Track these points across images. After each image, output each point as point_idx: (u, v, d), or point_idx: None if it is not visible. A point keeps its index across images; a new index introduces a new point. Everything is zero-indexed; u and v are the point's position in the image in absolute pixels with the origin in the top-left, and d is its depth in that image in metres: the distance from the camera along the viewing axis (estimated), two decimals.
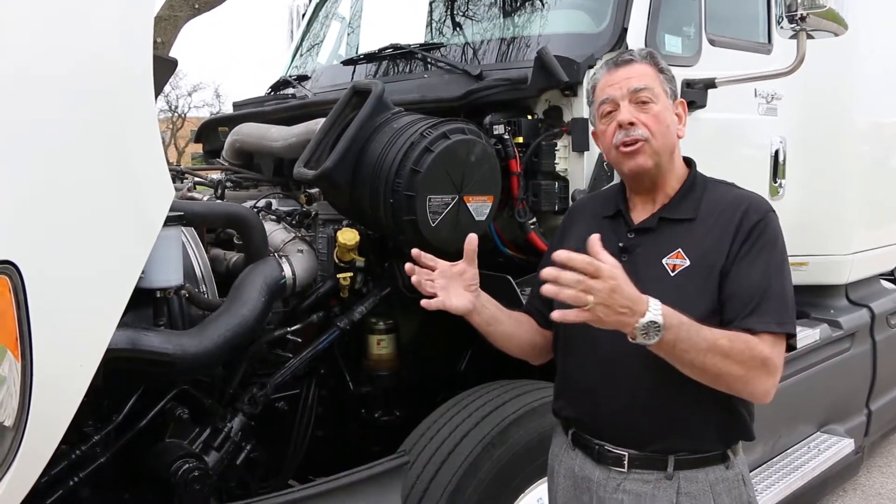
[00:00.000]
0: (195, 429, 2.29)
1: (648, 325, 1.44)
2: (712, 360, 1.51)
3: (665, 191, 1.76)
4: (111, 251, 1.55)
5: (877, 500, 4.17)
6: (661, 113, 1.70)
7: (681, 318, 1.49)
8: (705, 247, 1.66)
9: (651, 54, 1.78)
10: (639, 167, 1.70)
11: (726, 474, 1.71)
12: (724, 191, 1.76)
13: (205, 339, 2.09)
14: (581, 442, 1.79)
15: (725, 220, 1.67)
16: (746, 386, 1.56)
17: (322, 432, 2.74)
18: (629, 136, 1.68)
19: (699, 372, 1.54)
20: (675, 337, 1.47)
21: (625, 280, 1.44)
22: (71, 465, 2.03)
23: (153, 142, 1.64)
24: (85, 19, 1.52)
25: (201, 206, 2.50)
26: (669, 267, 1.67)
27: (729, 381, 1.56)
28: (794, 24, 2.49)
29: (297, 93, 3.55)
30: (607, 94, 1.73)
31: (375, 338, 2.75)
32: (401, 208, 2.33)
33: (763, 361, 1.55)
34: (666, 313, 1.46)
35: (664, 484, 1.68)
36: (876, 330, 4.00)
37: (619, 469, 1.71)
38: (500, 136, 2.56)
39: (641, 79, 1.71)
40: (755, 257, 1.63)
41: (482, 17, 3.13)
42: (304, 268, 2.53)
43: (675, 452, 1.68)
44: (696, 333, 1.50)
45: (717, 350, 1.51)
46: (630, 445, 1.70)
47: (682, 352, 1.50)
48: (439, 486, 2.15)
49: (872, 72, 3.84)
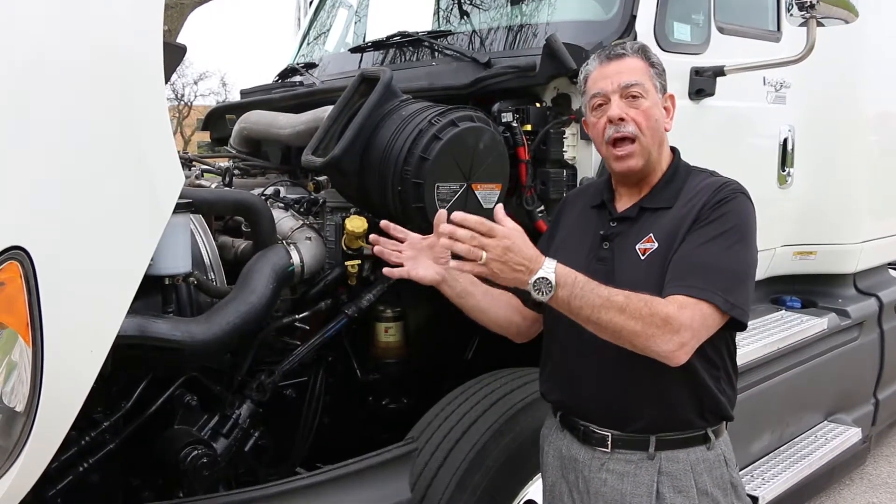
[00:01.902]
0: (203, 416, 2.30)
1: (539, 280, 1.55)
2: (608, 316, 1.56)
3: (651, 182, 1.82)
4: (122, 238, 1.55)
5: (884, 490, 4.17)
6: (650, 108, 1.75)
7: (577, 277, 1.58)
8: (674, 229, 1.72)
9: (643, 48, 1.82)
10: (629, 169, 1.77)
11: (707, 455, 1.76)
12: (702, 178, 1.81)
13: (213, 326, 2.10)
14: (568, 423, 1.87)
15: (695, 202, 1.73)
16: (649, 343, 1.58)
17: (330, 419, 2.74)
18: (619, 131, 1.74)
19: (598, 328, 1.60)
20: (568, 293, 1.56)
21: (522, 241, 1.56)
22: (80, 451, 2.05)
23: (164, 129, 1.63)
24: (97, 7, 1.52)
25: (210, 194, 2.50)
26: (641, 251, 1.73)
27: (629, 336, 1.58)
28: (804, 11, 2.48)
29: (305, 80, 3.55)
30: (599, 88, 1.78)
31: (383, 325, 2.75)
32: (409, 196, 2.33)
33: (665, 319, 1.57)
34: (560, 272, 1.56)
35: (646, 464, 1.74)
36: (884, 319, 3.99)
37: (604, 449, 1.78)
38: (509, 123, 2.56)
39: (632, 74, 1.76)
40: (701, 230, 1.68)
41: (490, 5, 3.11)
42: (312, 255, 2.53)
43: (657, 433, 1.74)
44: (590, 291, 1.57)
45: (611, 305, 1.56)
46: (612, 426, 1.77)
47: (577, 308, 1.57)
48: (447, 474, 2.15)
49: (882, 60, 3.81)
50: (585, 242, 1.85)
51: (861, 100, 3.70)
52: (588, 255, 1.81)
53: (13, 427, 1.51)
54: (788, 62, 2.68)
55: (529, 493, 2.31)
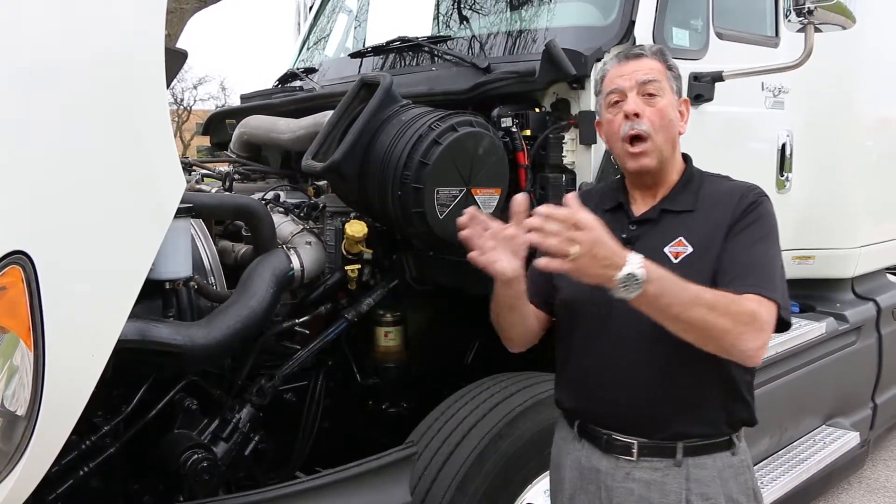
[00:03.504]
0: (204, 420, 2.31)
1: (628, 277, 1.44)
2: (698, 313, 1.50)
3: (666, 184, 1.80)
4: (124, 242, 1.56)
5: (882, 494, 4.17)
6: (665, 108, 1.74)
7: (663, 272, 1.48)
8: (705, 232, 1.69)
9: (661, 51, 1.82)
10: (643, 167, 1.75)
11: (732, 460, 1.73)
12: (720, 182, 1.81)
13: (213, 330, 2.10)
14: (587, 432, 1.80)
15: (724, 205, 1.72)
16: (737, 341, 1.53)
17: (330, 423, 2.75)
18: (634, 128, 1.72)
19: (686, 327, 1.52)
20: (657, 290, 1.46)
21: (606, 233, 1.45)
22: (81, 455, 2.05)
23: (165, 133, 1.64)
24: (100, 12, 1.53)
25: (210, 199, 2.51)
26: (672, 255, 1.69)
27: (718, 335, 1.53)
28: (802, 17, 2.49)
29: (305, 85, 3.56)
30: (616, 85, 1.77)
31: (383, 330, 2.76)
32: (409, 201, 2.33)
33: (752, 316, 1.54)
34: (648, 267, 1.45)
35: (673, 471, 1.69)
36: (882, 323, 3.99)
37: (628, 458, 1.71)
38: (508, 128, 2.56)
39: (650, 72, 1.75)
40: (744, 232, 1.67)
41: (490, 10, 3.12)
42: (312, 260, 2.54)
43: (684, 439, 1.69)
44: (679, 286, 1.49)
45: (701, 302, 1.50)
46: (638, 433, 1.71)
47: (666, 305, 1.49)
48: (447, 478, 2.16)
49: (880, 65, 3.82)
50: None
51: (859, 104, 3.71)
52: None
53: (14, 431, 1.52)
54: (787, 67, 2.69)
55: (529, 496, 2.31)
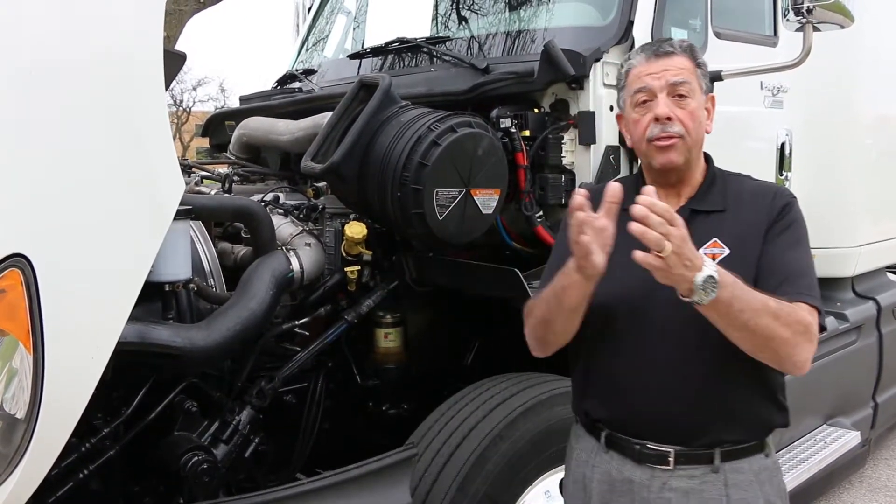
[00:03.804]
0: (204, 422, 2.31)
1: (707, 279, 1.41)
2: (765, 321, 1.48)
3: (690, 184, 1.75)
4: (123, 244, 1.56)
5: (883, 493, 4.17)
6: (696, 109, 1.70)
7: (733, 277, 1.47)
8: (741, 234, 1.66)
9: (691, 47, 1.75)
10: (670, 162, 1.69)
11: (766, 462, 1.70)
12: (744, 182, 1.78)
13: (213, 332, 2.10)
14: (616, 443, 1.73)
15: (754, 206, 1.69)
16: (793, 352, 1.53)
17: (330, 425, 2.74)
18: (665, 131, 1.67)
19: (750, 335, 1.50)
20: (730, 295, 1.44)
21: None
22: (81, 457, 2.05)
23: (164, 135, 1.64)
24: (99, 12, 1.53)
25: (209, 200, 2.51)
26: (708, 257, 1.60)
27: (777, 345, 1.51)
28: (801, 16, 2.48)
29: (304, 87, 3.55)
30: (645, 83, 1.70)
31: (383, 331, 2.76)
32: (408, 202, 2.33)
33: (806, 327, 1.53)
34: (721, 270, 1.44)
35: (711, 477, 1.65)
36: (882, 322, 3.99)
37: (664, 467, 1.66)
38: (507, 129, 2.56)
39: (680, 72, 1.69)
40: (783, 235, 1.65)
41: (488, 11, 3.12)
42: (311, 261, 2.54)
43: (721, 445, 1.65)
44: (748, 292, 1.48)
45: (769, 310, 1.48)
46: (676, 442, 1.66)
47: (739, 311, 1.46)
48: (448, 479, 2.16)
49: (878, 64, 3.82)
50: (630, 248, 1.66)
51: (858, 103, 3.71)
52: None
53: (14, 434, 1.52)
54: (785, 67, 2.69)
55: (529, 497, 2.31)
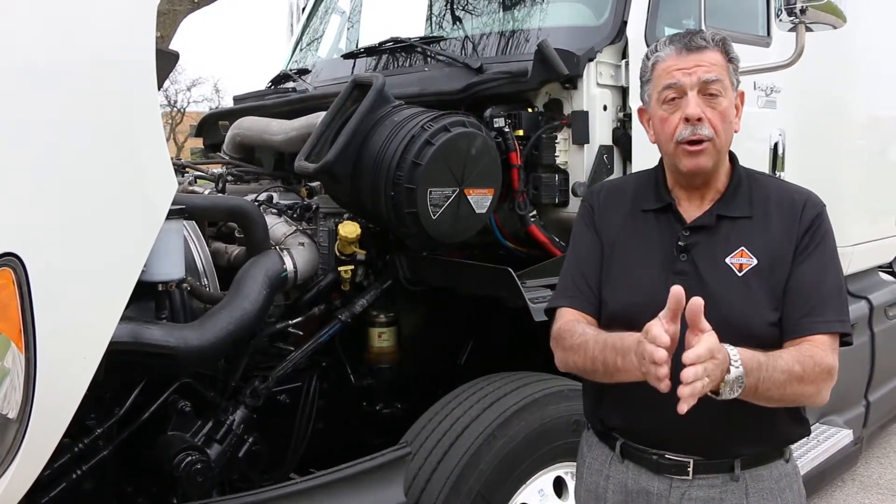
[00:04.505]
0: (197, 422, 2.30)
1: (735, 379, 1.38)
2: (791, 390, 1.47)
3: (716, 186, 1.66)
4: (115, 244, 1.56)
5: (875, 491, 4.18)
6: (727, 109, 1.60)
7: (758, 359, 1.43)
8: (769, 245, 1.60)
9: (724, 41, 1.63)
10: (699, 168, 1.60)
11: (787, 468, 1.67)
12: (769, 184, 1.70)
13: (206, 332, 2.10)
14: (633, 453, 1.68)
15: (783, 214, 1.62)
16: (815, 398, 1.52)
17: (324, 425, 2.74)
18: (696, 133, 1.57)
19: (777, 402, 1.50)
20: (756, 381, 1.42)
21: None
22: (73, 458, 2.04)
23: (157, 135, 1.64)
24: (90, 13, 1.53)
25: (203, 200, 2.51)
26: (735, 266, 1.59)
27: (802, 400, 1.52)
28: (794, 16, 2.49)
29: (298, 86, 3.55)
30: (675, 80, 1.59)
31: (377, 330, 2.76)
32: (401, 201, 2.33)
33: (829, 371, 1.52)
34: (744, 359, 1.39)
35: (732, 486, 1.62)
36: (874, 321, 4.00)
37: (683, 477, 1.62)
38: (501, 128, 2.57)
39: (712, 69, 1.58)
40: (813, 252, 1.59)
41: (482, 11, 3.13)
42: (305, 261, 2.54)
43: (742, 454, 1.62)
44: (773, 368, 1.44)
45: (793, 378, 1.46)
46: (696, 452, 1.62)
47: (765, 391, 1.44)
48: (441, 478, 2.16)
49: (870, 65, 3.83)
50: (653, 253, 1.65)
51: (850, 104, 3.72)
52: (662, 267, 1.63)
53: (5, 434, 1.51)
54: (778, 67, 2.69)
55: (523, 496, 2.31)
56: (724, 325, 1.41)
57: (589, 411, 1.81)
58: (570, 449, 2.23)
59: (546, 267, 2.47)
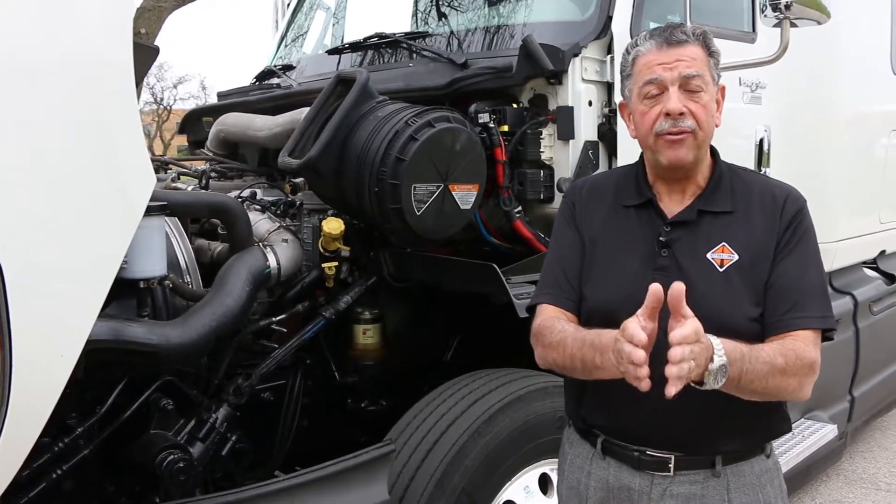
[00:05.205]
0: (180, 420, 2.28)
1: (719, 368, 1.37)
2: (774, 382, 1.47)
3: (696, 181, 1.66)
4: (92, 240, 1.53)
5: (859, 485, 4.21)
6: (709, 104, 1.60)
7: (741, 350, 1.43)
8: (751, 240, 1.60)
9: (705, 35, 1.63)
10: (679, 160, 1.59)
11: (768, 464, 1.68)
12: (751, 179, 1.70)
13: (189, 329, 2.08)
14: (614, 449, 1.68)
15: (764, 209, 1.62)
16: (797, 393, 1.53)
17: (308, 422, 2.73)
18: (677, 126, 1.57)
19: (759, 396, 1.49)
20: (739, 371, 1.42)
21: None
22: (54, 457, 2.02)
23: (134, 129, 1.62)
24: (65, 6, 1.50)
25: (185, 196, 2.48)
26: (716, 262, 1.59)
27: (784, 394, 1.52)
28: (779, 12, 2.49)
29: (282, 82, 3.53)
30: (656, 75, 1.58)
31: (361, 327, 2.74)
32: (386, 197, 2.32)
33: (811, 366, 1.52)
34: (727, 349, 1.39)
35: (713, 482, 1.62)
36: (859, 317, 4.02)
37: (664, 473, 1.62)
38: (486, 124, 2.56)
39: (693, 64, 1.58)
40: (794, 248, 1.59)
41: (467, 6, 3.11)
42: (288, 257, 2.52)
43: (723, 450, 1.62)
44: (756, 360, 1.44)
45: (776, 370, 1.46)
46: (676, 448, 1.62)
47: (748, 383, 1.44)
48: (426, 475, 2.15)
49: (855, 61, 3.85)
50: (634, 248, 1.65)
51: (835, 100, 3.73)
52: (643, 263, 1.62)
53: None
54: (763, 62, 2.69)
55: (508, 493, 2.30)
56: (705, 321, 1.40)
57: (570, 408, 1.81)
58: (555, 445, 2.21)
59: (531, 263, 2.46)
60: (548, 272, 1.76)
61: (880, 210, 4.19)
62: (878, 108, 4.19)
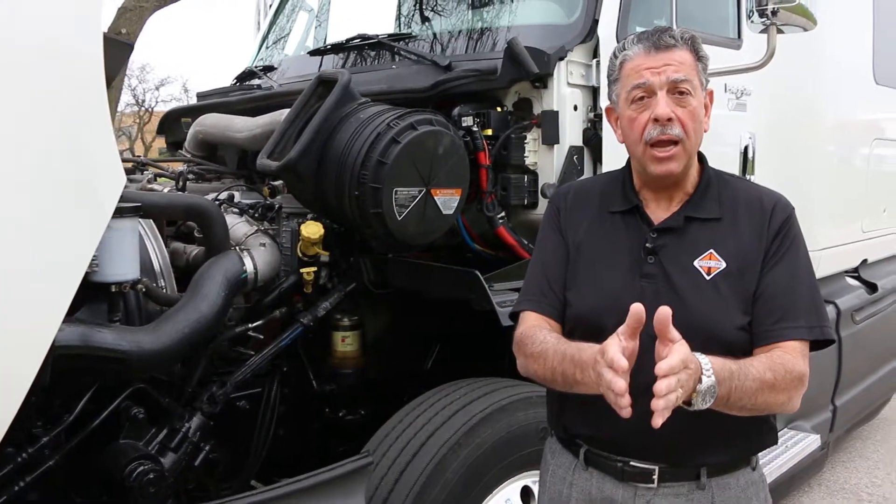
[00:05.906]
0: (151, 429, 2.21)
1: (708, 388, 1.35)
2: (763, 398, 1.44)
3: (684, 187, 1.64)
4: (57, 241, 1.46)
5: (841, 495, 4.20)
6: (697, 109, 1.57)
7: (730, 368, 1.40)
8: (740, 248, 1.57)
9: (693, 39, 1.60)
10: (669, 173, 1.58)
11: (753, 476, 1.66)
12: (739, 186, 1.68)
13: (162, 335, 2.02)
14: (597, 460, 1.66)
15: (752, 216, 1.60)
16: (787, 406, 1.51)
17: (284, 432, 2.67)
18: (665, 133, 1.55)
19: (749, 411, 1.47)
20: (727, 390, 1.39)
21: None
22: (17, 468, 1.94)
23: (102, 125, 1.55)
24: (33, 3, 1.44)
25: (160, 198, 2.42)
26: (704, 270, 1.56)
27: (774, 408, 1.50)
28: (765, 18, 2.48)
29: (263, 83, 3.48)
30: (644, 79, 1.56)
31: (340, 334, 2.69)
32: (367, 201, 2.27)
33: (800, 379, 1.50)
34: (716, 368, 1.36)
35: (697, 494, 1.59)
36: (841, 326, 4.02)
37: (648, 485, 1.59)
38: (469, 127, 2.51)
39: (681, 68, 1.56)
40: (783, 257, 1.57)
41: (452, 8, 3.07)
42: (266, 262, 2.46)
43: (708, 462, 1.60)
44: (745, 377, 1.41)
45: (765, 386, 1.44)
46: (660, 460, 1.59)
47: (737, 400, 1.42)
48: (405, 488, 2.09)
49: (839, 71, 3.85)
50: (621, 255, 1.63)
51: (820, 109, 3.74)
52: (630, 270, 1.60)
53: None
54: (749, 68, 2.68)
55: None
56: (692, 329, 1.39)
57: (552, 418, 1.78)
58: (538, 457, 2.16)
59: (514, 270, 2.42)
60: (531, 279, 1.73)
61: (862, 219, 4.20)
62: (861, 117, 4.21)
